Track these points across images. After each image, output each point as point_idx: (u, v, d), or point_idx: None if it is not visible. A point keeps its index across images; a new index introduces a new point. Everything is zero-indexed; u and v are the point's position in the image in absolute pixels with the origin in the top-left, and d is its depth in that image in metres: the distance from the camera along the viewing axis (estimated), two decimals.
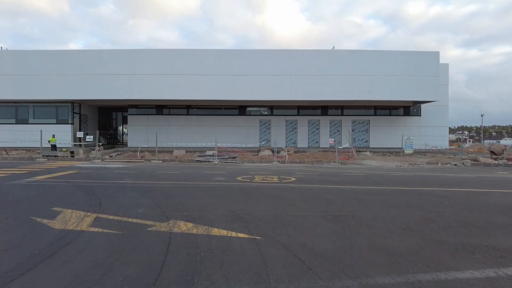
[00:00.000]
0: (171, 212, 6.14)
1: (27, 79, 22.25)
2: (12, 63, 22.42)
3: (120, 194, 7.94)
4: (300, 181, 10.24)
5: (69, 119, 23.88)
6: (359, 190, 8.75)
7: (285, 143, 25.11)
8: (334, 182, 10.25)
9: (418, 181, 10.64)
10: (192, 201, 7.16)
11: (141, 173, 12.38)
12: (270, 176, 11.38)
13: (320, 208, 6.51)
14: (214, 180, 10.33)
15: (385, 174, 12.63)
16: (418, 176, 12.28)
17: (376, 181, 10.45)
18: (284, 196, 7.70)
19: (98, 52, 22.45)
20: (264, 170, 13.64)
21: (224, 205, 6.76)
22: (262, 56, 22.03)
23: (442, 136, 25.23)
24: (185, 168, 14.71)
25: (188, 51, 22.43)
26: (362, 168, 15.10)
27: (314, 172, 13.29)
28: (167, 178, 10.94)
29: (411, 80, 21.67)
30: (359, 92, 21.76)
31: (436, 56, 21.90)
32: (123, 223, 5.43)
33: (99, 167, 14.62)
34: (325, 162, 17.44)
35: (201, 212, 6.16)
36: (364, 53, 22.49)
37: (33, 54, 22.59)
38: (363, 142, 25.50)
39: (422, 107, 25.60)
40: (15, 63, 22.42)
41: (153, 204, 6.88)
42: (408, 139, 17.62)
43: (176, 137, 24.49)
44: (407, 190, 8.79)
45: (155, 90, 21.85)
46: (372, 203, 7.07)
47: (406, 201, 7.26)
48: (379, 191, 8.64)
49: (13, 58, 22.49)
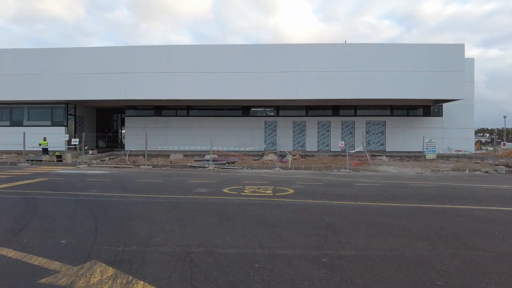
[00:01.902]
0: (102, 245, 4.37)
1: (20, 79, 21.09)
2: (4, 62, 21.33)
3: (64, 213, 6.24)
4: (298, 195, 8.31)
5: (64, 121, 22.62)
6: (372, 208, 6.76)
7: (292, 146, 23.12)
8: (341, 196, 8.27)
9: (447, 195, 8.53)
10: (145, 226, 5.36)
11: (118, 181, 10.71)
12: (264, 187, 9.49)
13: (314, 242, 4.59)
14: (194, 193, 8.52)
15: (404, 185, 10.53)
16: (445, 187, 10.13)
17: (394, 195, 8.40)
18: (270, 219, 5.81)
19: (91, 50, 21.08)
20: (260, 179, 11.75)
21: (182, 234, 4.93)
22: (266, 52, 20.16)
23: (467, 139, 22.66)
24: (173, 175, 12.98)
25: (186, 47, 20.82)
26: (376, 176, 13.00)
27: (319, 181, 11.31)
28: (141, 189, 9.21)
29: (433, 77, 19.36)
30: (374, 90, 19.59)
31: (461, 50, 19.52)
32: (17, 265, 3.68)
33: (77, 173, 13.07)
34: (334, 168, 15.40)
35: (142, 246, 4.36)
36: (379, 47, 20.31)
37: (26, 52, 21.43)
38: (378, 145, 23.24)
39: (443, 107, 23.15)
40: (8, 63, 21.31)
41: (91, 229, 5.13)
42: (431, 142, 15.36)
43: (175, 140, 22.88)
44: (436, 209, 6.74)
45: (151, 90, 20.29)
46: (390, 232, 5.09)
47: (437, 229, 5.24)
48: (398, 210, 6.63)
49: (5, 57, 21.39)
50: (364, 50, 19.91)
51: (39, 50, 21.51)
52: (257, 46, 20.77)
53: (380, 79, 19.45)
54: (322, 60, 19.80)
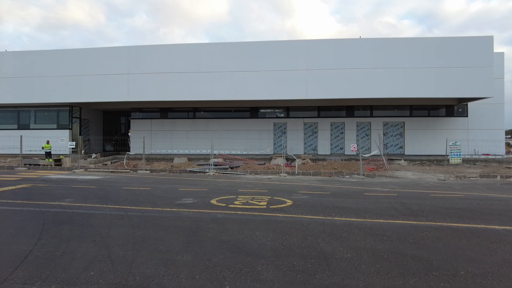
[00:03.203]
0: (13, 283, 3.32)
1: (25, 82, 20.79)
2: (10, 65, 21.11)
3: (12, 228, 5.30)
4: (296, 208, 7.07)
5: (68, 124, 22.20)
6: (383, 228, 5.44)
7: (303, 149, 21.78)
8: (347, 210, 6.97)
9: (477, 209, 7.07)
10: (91, 250, 4.29)
11: (101, 189, 9.77)
12: (260, 197, 8.29)
13: (296, 282, 3.37)
14: (176, 205, 7.43)
15: (423, 195, 9.07)
16: (474, 198, 8.61)
17: (412, 209, 7.02)
18: (250, 245, 4.62)
19: (91, 51, 20.47)
20: (260, 186, 10.55)
21: (128, 265, 3.81)
22: (273, 49, 18.93)
23: (496, 141, 20.55)
24: (166, 181, 11.98)
25: (190, 45, 19.90)
26: (393, 184, 11.53)
27: (326, 190, 9.99)
28: (121, 198, 8.21)
29: (457, 73, 17.61)
30: (391, 89, 18.02)
31: (489, 42, 17.67)
32: None
33: (67, 179, 12.28)
34: (346, 174, 14.00)
35: (66, 283, 3.27)
36: (397, 41, 18.69)
37: (30, 54, 21.13)
38: (396, 148, 21.55)
39: (469, 106, 21.22)
40: (14, 65, 21.07)
41: (21, 254, 4.13)
42: (455, 145, 13.68)
43: (181, 143, 22.00)
44: (464, 231, 5.35)
45: (154, 91, 19.50)
46: (402, 265, 3.80)
47: (467, 263, 3.90)
48: (414, 231, 5.28)
49: (11, 60, 21.16)
50: (381, 45, 18.38)
51: (41, 52, 21.14)
52: (264, 43, 19.60)
53: (399, 77, 17.88)
54: (333, 56, 18.43)
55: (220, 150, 20.53)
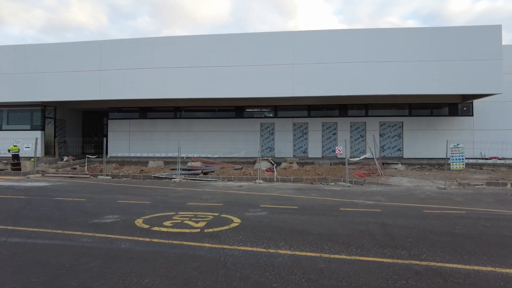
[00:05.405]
0: None
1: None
2: None
3: None
4: (238, 232, 5.31)
5: (41, 125, 20.69)
6: (338, 273, 3.66)
7: (293, 151, 19.98)
8: (304, 236, 5.19)
9: (483, 236, 5.24)
10: None
11: (25, 201, 8.11)
12: (204, 214, 6.54)
13: None
14: (90, 225, 5.73)
15: (415, 212, 7.24)
16: (479, 216, 6.76)
17: (393, 235, 5.22)
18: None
19: (63, 46, 18.90)
20: (218, 197, 8.79)
21: None
22: (257, 42, 17.19)
23: (505, 143, 18.47)
24: (116, 190, 10.30)
25: (167, 39, 18.24)
26: (381, 194, 9.70)
27: (295, 203, 8.19)
28: (32, 215, 6.54)
29: (461, 66, 15.72)
30: (388, 85, 16.14)
31: (497, 32, 15.75)
32: None
33: (4, 186, 10.67)
34: (331, 180, 12.21)
35: None
36: (393, 32, 16.81)
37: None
38: (394, 150, 19.64)
39: (474, 104, 19.23)
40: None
41: None
42: (457, 148, 11.75)
43: (161, 145, 20.32)
44: (465, 280, 3.55)
45: (129, 88, 17.82)
46: None
47: None
48: (388, 279, 3.49)
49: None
50: (376, 36, 16.51)
51: (8, 47, 19.70)
52: (246, 35, 17.94)
53: (396, 72, 16.00)
54: (322, 49, 16.62)
55: (202, 153, 18.91)
